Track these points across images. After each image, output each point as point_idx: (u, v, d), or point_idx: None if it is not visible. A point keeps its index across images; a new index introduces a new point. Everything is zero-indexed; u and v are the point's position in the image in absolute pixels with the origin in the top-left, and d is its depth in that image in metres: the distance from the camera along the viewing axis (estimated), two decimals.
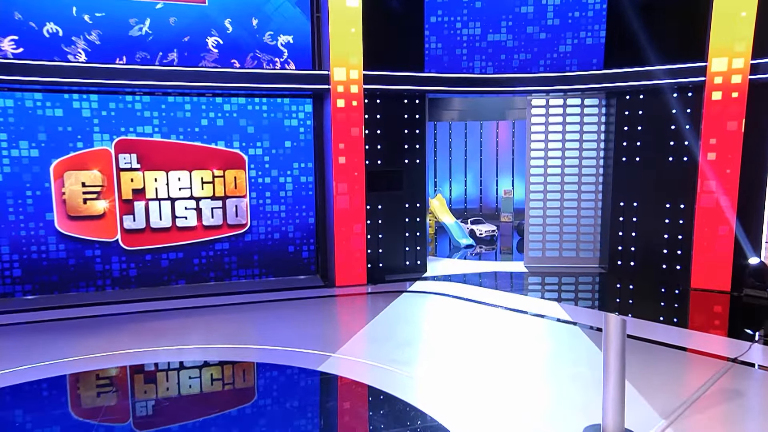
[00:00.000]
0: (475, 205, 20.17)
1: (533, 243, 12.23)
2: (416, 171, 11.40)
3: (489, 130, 20.00)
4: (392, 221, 11.26)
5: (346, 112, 10.19)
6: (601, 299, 10.12)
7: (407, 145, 11.26)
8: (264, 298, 9.86)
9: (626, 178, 11.43)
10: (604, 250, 12.06)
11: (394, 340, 7.66)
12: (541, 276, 11.56)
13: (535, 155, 12.15)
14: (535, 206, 12.26)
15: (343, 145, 10.29)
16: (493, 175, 20.08)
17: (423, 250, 11.62)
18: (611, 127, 11.74)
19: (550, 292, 10.45)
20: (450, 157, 19.84)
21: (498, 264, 12.79)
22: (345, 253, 10.53)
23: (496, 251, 14.69)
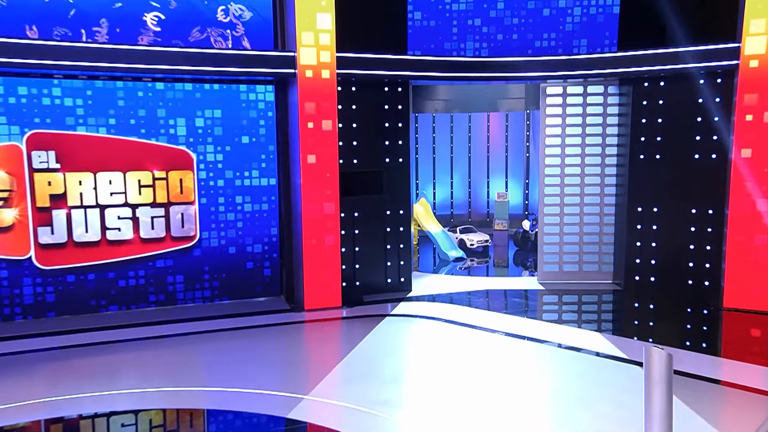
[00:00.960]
0: (463, 210, 20.09)
1: (548, 255, 12.13)
2: (399, 171, 11.26)
3: (478, 123, 19.92)
4: (371, 231, 11.12)
5: (315, 102, 10.03)
6: (616, 322, 10.13)
7: (388, 141, 11.15)
8: (217, 326, 9.58)
9: (644, 178, 11.32)
10: (619, 264, 11.96)
11: (377, 378, 7.45)
12: (558, 294, 11.55)
13: (550, 152, 12.00)
14: (551, 212, 12.12)
15: (312, 141, 10.12)
16: (483, 176, 20.01)
17: (408, 265, 11.55)
18: (626, 119, 11.61)
19: (568, 313, 10.48)
20: (433, 154, 19.75)
21: (501, 281, 12.82)
22: (315, 270, 10.35)
23: (489, 264, 14.77)
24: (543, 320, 9.93)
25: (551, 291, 11.78)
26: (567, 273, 12.11)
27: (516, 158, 19.86)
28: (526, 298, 11.42)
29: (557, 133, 11.89)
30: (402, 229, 11.44)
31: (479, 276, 13.48)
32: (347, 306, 10.51)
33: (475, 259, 15.16)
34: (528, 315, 10.27)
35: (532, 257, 15.18)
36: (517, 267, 14.53)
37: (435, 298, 11.24)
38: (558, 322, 9.81)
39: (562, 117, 11.84)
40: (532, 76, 11.37)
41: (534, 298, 11.45)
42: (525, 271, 14.05)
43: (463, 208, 20.16)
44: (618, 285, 11.91)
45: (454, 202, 20.09)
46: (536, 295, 11.58)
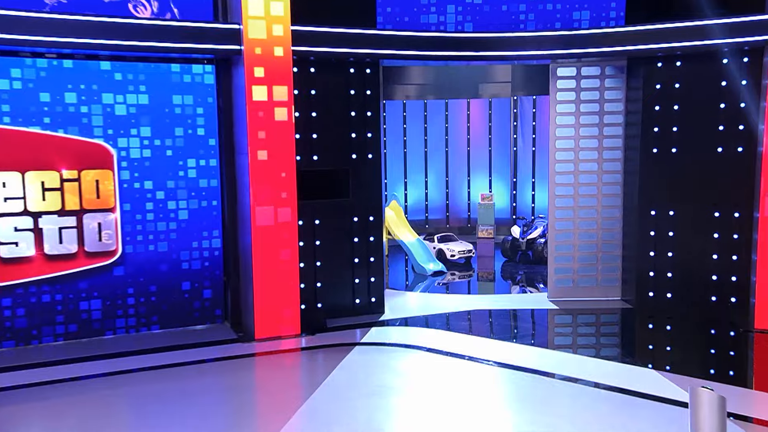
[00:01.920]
0: (441, 215, 20.15)
1: (560, 269, 12.16)
2: (368, 170, 11.21)
3: (457, 112, 19.99)
4: (335, 242, 11.06)
5: (266, 86, 9.82)
6: (626, 347, 10.09)
7: (355, 133, 11.07)
8: (145, 363, 9.28)
9: (658, 176, 11.29)
10: (629, 278, 11.90)
11: (348, 426, 7.18)
12: (560, 314, 11.60)
13: (562, 146, 11.99)
14: (563, 216, 12.08)
15: (263, 134, 9.94)
16: (463, 174, 20.05)
17: (380, 282, 11.46)
18: (635, 105, 11.54)
19: (564, 336, 10.56)
20: (405, 149, 19.83)
21: (490, 299, 12.89)
22: (268, 291, 10.14)
23: (472, 279, 14.81)
24: (538, 347, 9.88)
25: (556, 311, 11.74)
26: (583, 289, 12.15)
27: (501, 153, 19.78)
28: (515, 318, 11.57)
29: (569, 122, 11.90)
30: (372, 239, 11.31)
31: (461, 294, 13.55)
32: (307, 333, 10.36)
33: (456, 272, 15.11)
34: (522, 340, 10.23)
35: (522, 270, 15.25)
36: (505, 281, 14.62)
37: (413, 322, 11.18)
38: (561, 348, 9.82)
39: (576, 104, 11.86)
40: (523, 55, 11.32)
41: (526, 320, 11.49)
42: (514, 286, 14.14)
43: (440, 213, 20.10)
44: (628, 303, 11.90)
45: (429, 206, 20.02)
46: (528, 316, 11.63)
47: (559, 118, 11.90)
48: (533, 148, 19.26)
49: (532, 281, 14.28)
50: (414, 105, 19.68)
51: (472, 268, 15.61)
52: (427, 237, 16.51)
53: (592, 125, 11.87)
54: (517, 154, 19.56)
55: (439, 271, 14.84)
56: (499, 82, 18.15)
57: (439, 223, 19.90)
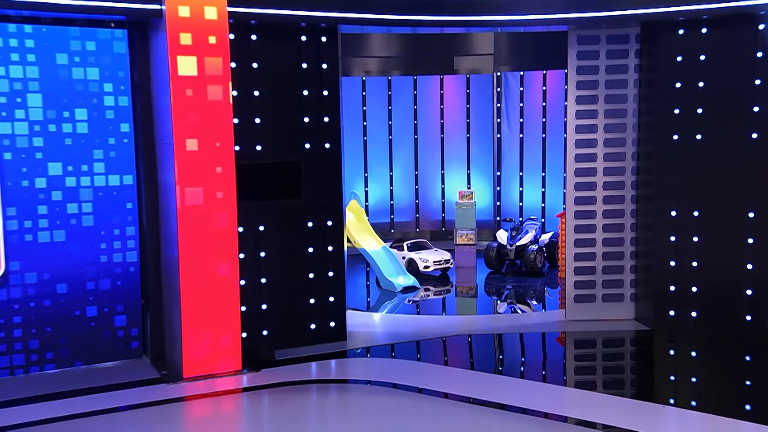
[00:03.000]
0: (409, 216, 20.06)
1: (581, 281, 12.20)
2: (325, 163, 11.25)
3: (428, 91, 19.94)
4: (285, 254, 11.06)
5: (197, 57, 9.73)
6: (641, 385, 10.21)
7: (309, 117, 11.07)
8: (35, 414, 9.01)
9: (679, 169, 11.30)
10: (646, 293, 11.93)
11: None
12: (572, 339, 11.78)
13: (582, 137, 12.06)
14: (582, 221, 12.10)
15: (193, 118, 9.76)
16: (436, 166, 20.00)
17: (340, 301, 11.51)
18: (651, 82, 11.54)
19: (589, 367, 10.73)
20: (364, 136, 19.81)
21: (470, 320, 13.06)
22: (200, 316, 9.98)
23: (451, 294, 15.00)
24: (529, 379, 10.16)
25: (556, 334, 11.94)
26: (609, 307, 12.21)
27: (482, 141, 19.78)
28: (500, 344, 11.68)
29: (592, 104, 11.99)
30: (331, 248, 11.27)
31: (436, 314, 13.75)
32: (251, 369, 10.29)
33: (431, 287, 15.15)
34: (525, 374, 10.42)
35: (511, 283, 15.35)
36: (489, 297, 14.85)
37: (382, 351, 11.23)
38: (555, 383, 10.09)
39: (597, 84, 11.90)
40: (512, 20, 11.32)
41: (514, 347, 11.56)
42: (502, 304, 14.30)
43: (408, 214, 20.09)
44: (642, 323, 11.94)
45: (395, 206, 19.98)
46: (514, 341, 11.73)
47: (579, 98, 11.93)
48: (521, 134, 19.27)
49: (523, 297, 14.31)
50: (375, 83, 19.63)
51: (450, 282, 15.64)
52: (395, 244, 16.48)
53: (619, 107, 11.91)
54: (501, 142, 19.56)
55: (410, 286, 14.82)
56: (478, 55, 18.34)
57: (407, 227, 19.85)
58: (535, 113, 18.84)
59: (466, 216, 16.83)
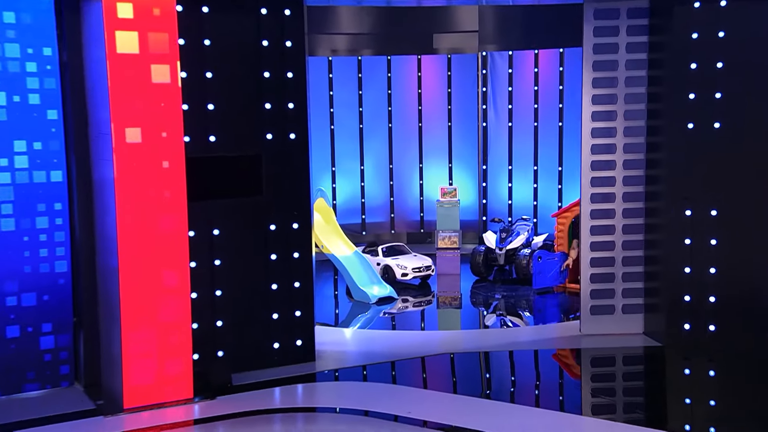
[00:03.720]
0: (382, 217, 20.19)
1: (598, 291, 12.28)
2: (290, 155, 11.17)
3: (404, 73, 19.95)
4: (244, 261, 10.98)
5: (138, 32, 9.59)
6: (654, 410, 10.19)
7: (270, 103, 11.00)
8: None
9: (695, 162, 11.29)
10: (656, 304, 11.95)
11: None
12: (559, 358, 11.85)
13: (600, 125, 12.03)
14: (599, 221, 12.15)
15: (134, 104, 9.60)
16: (413, 159, 20.07)
17: (308, 316, 11.46)
18: (662, 63, 11.55)
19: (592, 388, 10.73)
20: (331, 124, 19.86)
21: (457, 336, 13.08)
22: (144, 335, 9.84)
23: (432, 305, 15.08)
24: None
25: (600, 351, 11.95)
26: (632, 320, 12.24)
27: (466, 130, 19.85)
28: (488, 363, 11.65)
29: (611, 88, 11.98)
30: (297, 255, 11.19)
31: (415, 329, 13.80)
32: (204, 397, 10.17)
33: (409, 298, 15.19)
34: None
35: (500, 292, 15.43)
36: (476, 308, 14.88)
37: (356, 374, 11.26)
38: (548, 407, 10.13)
39: (617, 64, 11.90)
40: None
41: (525, 366, 11.55)
42: (490, 316, 14.36)
43: (381, 214, 20.15)
44: (653, 338, 11.94)
45: (367, 204, 19.99)
46: (503, 360, 11.79)
47: (596, 81, 11.90)
48: (509, 123, 19.36)
49: (515, 309, 14.35)
50: (343, 63, 19.69)
51: (431, 291, 15.66)
52: (368, 249, 16.48)
53: (642, 91, 11.93)
54: (487, 131, 19.63)
55: (386, 297, 14.81)
56: (461, 32, 18.38)
57: (380, 229, 19.96)
58: (525, 98, 18.97)
59: (448, 216, 16.83)
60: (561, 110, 18.74)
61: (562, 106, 18.69)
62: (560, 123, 18.71)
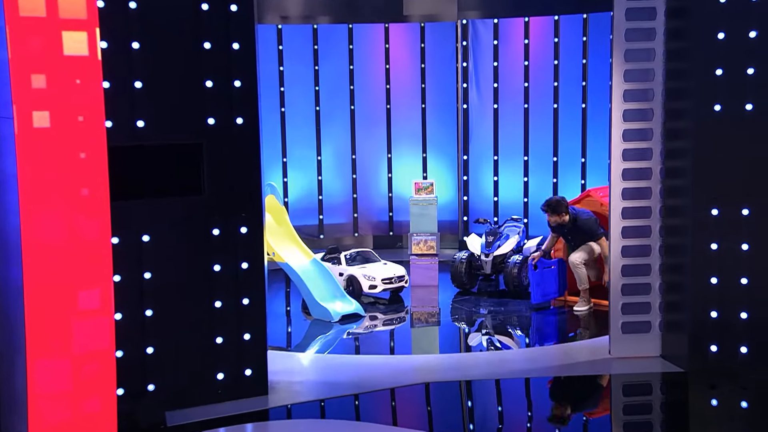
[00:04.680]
0: (343, 217, 20.27)
1: (630, 304, 12.24)
2: (238, 144, 11.01)
3: (369, 46, 20.06)
4: (181, 274, 10.80)
5: None
6: None
7: (213, 80, 10.83)
8: None
9: (723, 151, 11.28)
10: (677, 321, 11.98)
11: None
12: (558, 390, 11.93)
13: (633, 106, 12.05)
14: (633, 221, 12.17)
15: (42, 81, 9.31)
16: (380, 148, 20.17)
17: (260, 338, 11.30)
18: (684, 33, 11.58)
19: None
20: (282, 107, 19.93)
21: (442, 360, 13.07)
22: (55, 367, 9.57)
23: (406, 323, 15.20)
24: None
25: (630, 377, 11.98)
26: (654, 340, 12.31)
27: (443, 113, 19.90)
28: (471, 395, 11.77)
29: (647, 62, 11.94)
30: (246, 265, 10.99)
31: (383, 354, 13.64)
32: None
33: (379, 314, 15.25)
34: None
35: (487, 307, 15.48)
36: (457, 326, 14.90)
37: (313, 410, 11.14)
38: None
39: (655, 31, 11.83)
40: None
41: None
42: (474, 335, 14.42)
43: (342, 214, 20.26)
44: (672, 362, 11.90)
45: (324, 202, 20.11)
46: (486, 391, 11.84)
47: (629, 53, 11.85)
48: (495, 104, 19.45)
49: (504, 327, 14.38)
50: (296, 33, 19.68)
51: (405, 306, 15.67)
52: (328, 256, 16.49)
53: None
54: (468, 114, 19.72)
55: (351, 314, 14.78)
56: None
57: (341, 231, 20.05)
58: (514, 75, 19.02)
59: (423, 216, 16.85)
60: (556, 89, 18.80)
61: (558, 85, 18.76)
62: (555, 104, 18.78)
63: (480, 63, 19.50)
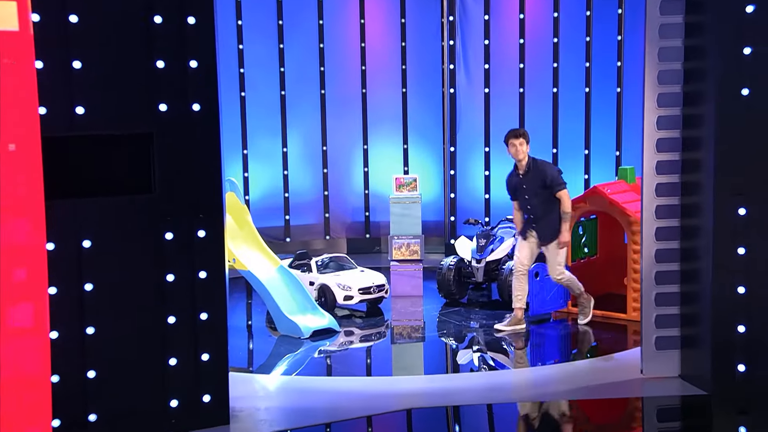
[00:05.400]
0: (313, 217, 20.54)
1: (667, 316, 12.20)
2: (195, 135, 10.84)
3: (341, 19, 20.27)
4: (128, 285, 10.65)
5: None
6: None
7: (165, 60, 10.68)
8: None
9: (751, 141, 11.25)
10: (698, 336, 11.92)
11: None
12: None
13: (669, 89, 11.95)
14: (668, 221, 12.18)
15: None
16: (355, 139, 20.38)
17: (220, 359, 11.12)
18: (704, 4, 11.51)
19: None
20: (242, 90, 20.08)
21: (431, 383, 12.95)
22: None
23: (386, 338, 15.26)
24: None
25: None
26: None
27: (427, 98, 20.10)
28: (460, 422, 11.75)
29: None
30: (205, 274, 10.84)
31: (360, 376, 13.60)
32: None
33: (355, 330, 15.27)
34: None
35: (478, 320, 15.49)
36: (444, 343, 14.86)
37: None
38: None
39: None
40: None
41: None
42: (467, 352, 14.40)
43: (312, 213, 20.49)
44: (694, 383, 11.81)
45: (291, 200, 20.27)
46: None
47: (663, 28, 11.75)
48: (486, 88, 19.52)
49: (498, 343, 14.34)
50: (258, 6, 19.96)
51: (385, 320, 15.65)
52: (297, 263, 16.46)
53: None
54: (456, 100, 19.76)
55: (324, 329, 14.72)
56: None
57: (310, 234, 20.28)
58: (507, 55, 19.17)
59: (406, 216, 16.67)
60: (556, 71, 18.89)
61: (557, 66, 18.84)
62: (555, 88, 18.88)
63: (469, 41, 19.52)
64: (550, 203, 13.90)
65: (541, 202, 13.93)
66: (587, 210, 15.10)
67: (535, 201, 13.88)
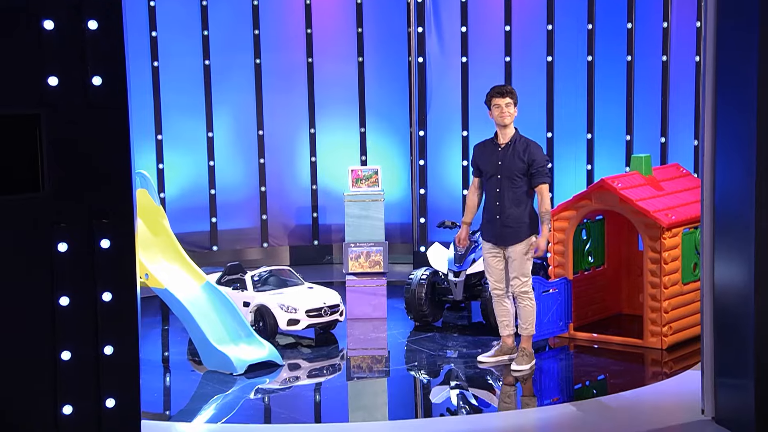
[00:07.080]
0: (248, 220, 21.02)
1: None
2: (95, 117, 10.61)
3: None
4: (9, 310, 10.39)
5: None
6: None
7: (53, 21, 10.37)
8: None
9: None
10: (730, 370, 11.98)
11: None
12: None
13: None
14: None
15: None
16: (300, 120, 20.79)
17: (130, 404, 10.94)
18: None
19: None
20: (154, 60, 20.35)
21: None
22: None
23: (342, 372, 15.39)
24: None
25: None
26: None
27: (389, 69, 20.60)
28: None
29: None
30: (110, 296, 10.58)
31: (307, 423, 13.52)
32: None
33: (302, 362, 15.28)
34: None
35: (456, 348, 15.57)
36: (411, 375, 14.99)
37: None
38: None
39: None
40: None
41: None
42: (442, 389, 14.42)
43: (247, 215, 20.87)
44: (728, 427, 11.83)
45: (218, 198, 20.58)
46: None
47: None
48: (463, 57, 19.74)
49: (482, 378, 14.41)
50: None
51: (340, 349, 15.69)
52: (228, 279, 16.46)
53: None
54: (426, 71, 19.94)
55: (264, 362, 14.67)
56: None
57: (244, 241, 20.66)
58: (490, 16, 19.73)
59: (365, 219, 16.79)
60: (550, 35, 18.97)
61: (553, 28, 18.92)
62: (549, 57, 18.97)
63: (438, 13, 19.63)
64: (523, 195, 13.62)
65: (514, 191, 13.57)
66: (593, 209, 15.02)
67: (507, 186, 13.53)
